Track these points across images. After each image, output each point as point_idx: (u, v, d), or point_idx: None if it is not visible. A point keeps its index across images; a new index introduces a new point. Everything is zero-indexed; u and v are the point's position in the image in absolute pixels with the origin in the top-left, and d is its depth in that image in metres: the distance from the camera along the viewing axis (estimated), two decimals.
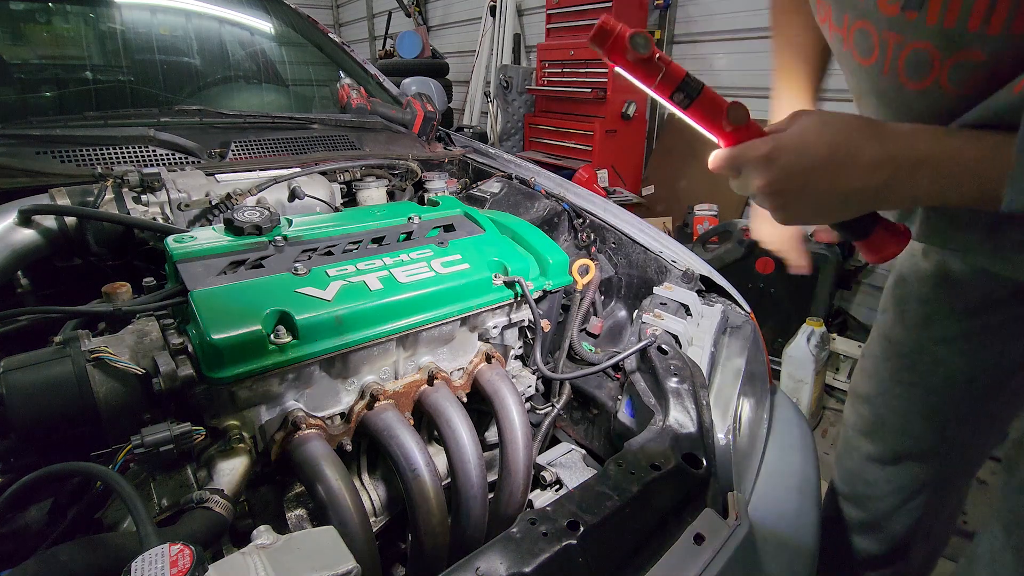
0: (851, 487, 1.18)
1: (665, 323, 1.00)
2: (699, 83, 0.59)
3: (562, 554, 0.60)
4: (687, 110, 0.60)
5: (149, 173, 1.03)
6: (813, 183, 0.58)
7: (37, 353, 0.64)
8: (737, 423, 0.91)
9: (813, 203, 0.59)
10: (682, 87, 0.58)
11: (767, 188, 0.59)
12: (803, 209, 0.60)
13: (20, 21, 1.69)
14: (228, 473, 0.66)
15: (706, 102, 0.60)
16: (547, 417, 1.02)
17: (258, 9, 1.98)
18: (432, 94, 1.94)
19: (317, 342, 0.71)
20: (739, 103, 0.60)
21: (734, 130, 0.61)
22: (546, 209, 1.31)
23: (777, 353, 2.53)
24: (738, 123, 0.60)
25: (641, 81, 0.60)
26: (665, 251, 1.14)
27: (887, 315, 1.07)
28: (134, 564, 0.45)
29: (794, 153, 0.57)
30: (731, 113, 0.60)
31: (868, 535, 1.18)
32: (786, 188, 0.59)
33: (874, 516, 1.15)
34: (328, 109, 1.86)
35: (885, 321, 1.07)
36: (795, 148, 0.57)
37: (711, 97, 0.60)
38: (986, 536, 0.89)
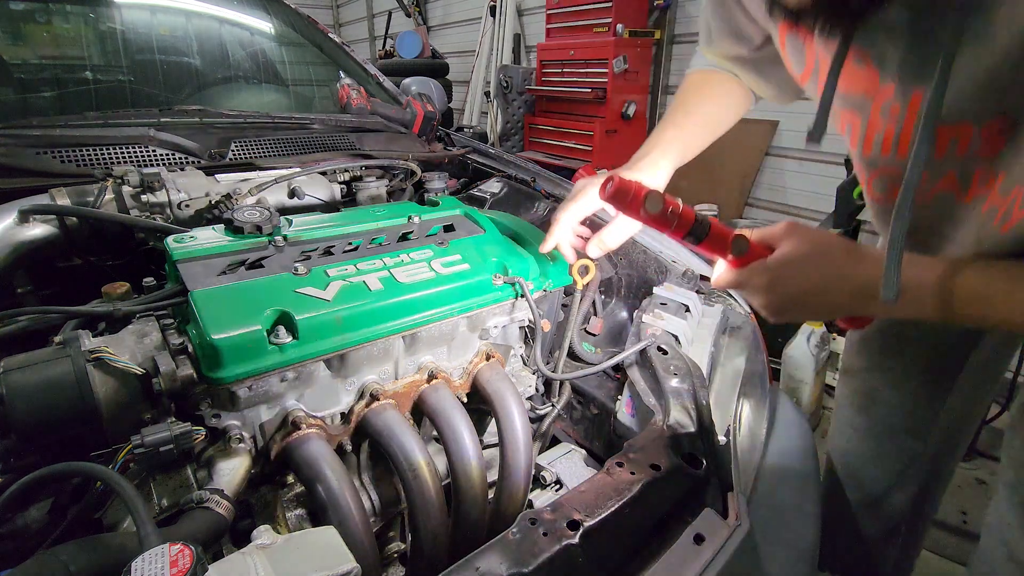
0: (845, 466, 1.20)
1: (665, 323, 1.00)
2: (706, 225, 0.68)
3: (562, 554, 0.60)
4: (696, 246, 0.70)
5: (149, 173, 1.03)
6: (805, 304, 0.68)
7: (37, 353, 0.64)
8: (737, 423, 0.91)
9: (806, 314, 0.71)
10: (692, 231, 0.67)
11: (767, 307, 0.70)
12: (796, 318, 0.71)
13: (20, 21, 1.69)
14: (228, 473, 0.66)
15: (713, 239, 0.68)
16: (547, 417, 1.02)
17: (258, 9, 1.98)
18: (432, 94, 1.94)
19: (317, 342, 0.71)
20: (741, 236, 0.69)
21: (736, 258, 0.70)
22: (546, 209, 1.31)
23: (777, 353, 2.53)
24: (740, 255, 0.69)
25: (656, 228, 0.70)
26: (665, 251, 1.14)
27: None
28: (134, 564, 0.45)
29: (790, 283, 0.67)
30: (734, 247, 0.69)
31: (864, 516, 1.19)
32: (782, 308, 0.69)
33: (869, 495, 1.17)
34: (328, 109, 1.86)
35: None
36: (790, 278, 0.66)
37: (717, 234, 0.68)
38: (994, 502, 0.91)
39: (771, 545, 0.80)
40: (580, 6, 4.32)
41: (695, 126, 0.95)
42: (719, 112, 0.97)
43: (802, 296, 0.67)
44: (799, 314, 0.70)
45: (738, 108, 0.98)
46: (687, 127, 0.95)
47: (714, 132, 0.97)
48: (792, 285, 0.66)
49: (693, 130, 0.95)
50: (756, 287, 0.69)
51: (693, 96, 0.97)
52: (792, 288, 0.67)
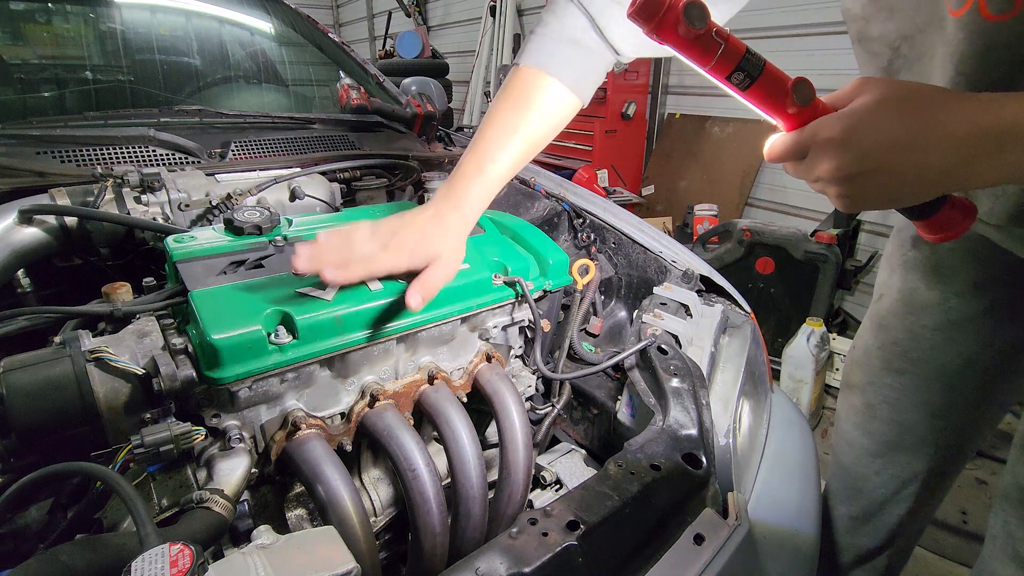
0: (843, 482, 1.18)
1: (665, 323, 1.00)
2: (761, 59, 0.52)
3: (562, 554, 0.60)
4: (746, 91, 0.53)
5: (149, 173, 1.03)
6: (890, 164, 0.52)
7: (37, 353, 0.64)
8: (737, 423, 0.91)
9: (889, 187, 0.54)
10: (742, 65, 0.52)
11: (838, 173, 0.54)
12: (876, 194, 0.55)
13: (20, 21, 1.69)
14: (228, 473, 0.66)
15: (769, 81, 0.52)
16: (547, 417, 1.02)
17: (258, 9, 1.98)
18: (432, 94, 1.93)
19: (317, 342, 0.71)
20: (804, 79, 0.53)
21: (799, 111, 0.54)
22: (546, 209, 1.31)
23: (777, 353, 2.53)
24: (804, 104, 0.53)
25: (694, 60, 0.53)
26: (665, 251, 1.14)
27: (881, 302, 1.05)
28: (134, 564, 0.45)
29: (870, 134, 0.52)
30: (796, 93, 0.52)
31: (860, 529, 1.18)
32: (860, 172, 0.53)
33: (866, 509, 1.15)
34: (328, 109, 1.86)
35: (878, 309, 1.05)
36: (871, 126, 0.52)
37: (774, 75, 0.53)
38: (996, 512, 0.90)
39: (771, 545, 0.80)
40: None
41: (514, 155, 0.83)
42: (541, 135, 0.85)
43: (886, 154, 0.51)
44: (883, 185, 0.53)
45: (560, 125, 0.87)
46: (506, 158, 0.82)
47: (532, 155, 0.86)
48: (873, 137, 0.51)
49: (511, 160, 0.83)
50: (827, 143, 0.53)
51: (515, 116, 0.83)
52: (873, 141, 0.51)
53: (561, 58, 0.83)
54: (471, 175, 0.81)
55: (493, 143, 0.82)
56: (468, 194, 0.81)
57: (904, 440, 1.05)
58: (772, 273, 2.75)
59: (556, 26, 0.83)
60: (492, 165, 0.81)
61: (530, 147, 0.85)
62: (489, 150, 0.82)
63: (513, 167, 0.84)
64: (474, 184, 0.81)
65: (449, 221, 0.79)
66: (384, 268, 0.75)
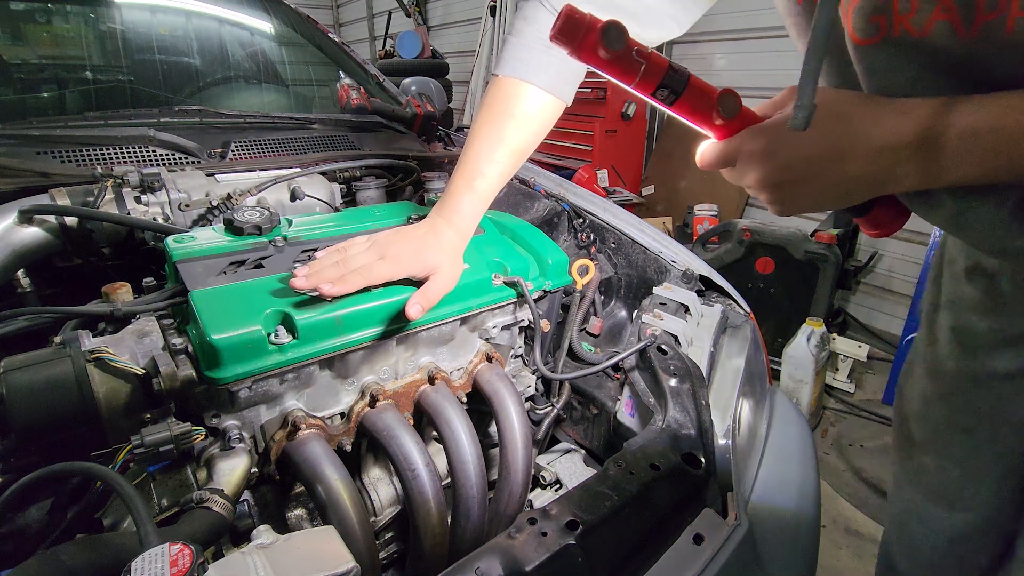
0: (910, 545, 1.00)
1: (665, 323, 1.00)
2: (684, 74, 0.53)
3: (562, 554, 0.60)
4: (672, 106, 0.54)
5: (149, 173, 1.03)
6: (812, 175, 0.53)
7: (37, 353, 0.64)
8: (736, 423, 0.91)
9: (813, 195, 0.55)
10: (666, 82, 0.52)
11: (764, 182, 0.56)
12: (804, 202, 0.56)
13: (20, 21, 1.69)
14: (228, 473, 0.66)
15: (694, 95, 0.53)
16: (547, 417, 1.02)
17: (258, 9, 1.98)
18: (432, 94, 1.93)
19: (317, 342, 0.71)
20: (730, 91, 0.54)
21: (725, 124, 0.55)
22: (546, 209, 1.31)
23: (777, 353, 2.53)
24: (730, 116, 0.55)
25: (618, 79, 0.53)
26: (665, 251, 1.14)
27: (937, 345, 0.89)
28: (134, 564, 0.45)
29: (793, 147, 0.53)
30: (722, 106, 0.54)
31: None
32: (785, 180, 0.55)
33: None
34: (328, 109, 1.86)
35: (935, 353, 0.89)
36: (791, 140, 0.52)
37: (699, 89, 0.53)
38: None
39: (771, 545, 0.80)
40: None
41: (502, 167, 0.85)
42: (526, 142, 0.87)
43: (806, 165, 0.53)
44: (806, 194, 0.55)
45: (545, 128, 0.89)
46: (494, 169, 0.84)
47: (521, 162, 0.88)
48: (793, 150, 0.53)
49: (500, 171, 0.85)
50: (751, 156, 0.55)
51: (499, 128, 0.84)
52: (793, 154, 0.53)
53: (536, 63, 0.84)
54: (461, 191, 0.84)
55: (480, 157, 0.84)
56: (460, 209, 0.84)
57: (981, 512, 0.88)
58: (772, 273, 2.75)
59: (528, 31, 0.84)
60: (481, 180, 0.84)
61: (517, 155, 0.86)
62: (477, 164, 0.84)
63: (502, 177, 0.86)
64: (465, 199, 0.84)
65: (444, 235, 0.82)
66: (380, 278, 0.77)
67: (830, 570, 1.83)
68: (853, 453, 2.35)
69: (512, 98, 0.84)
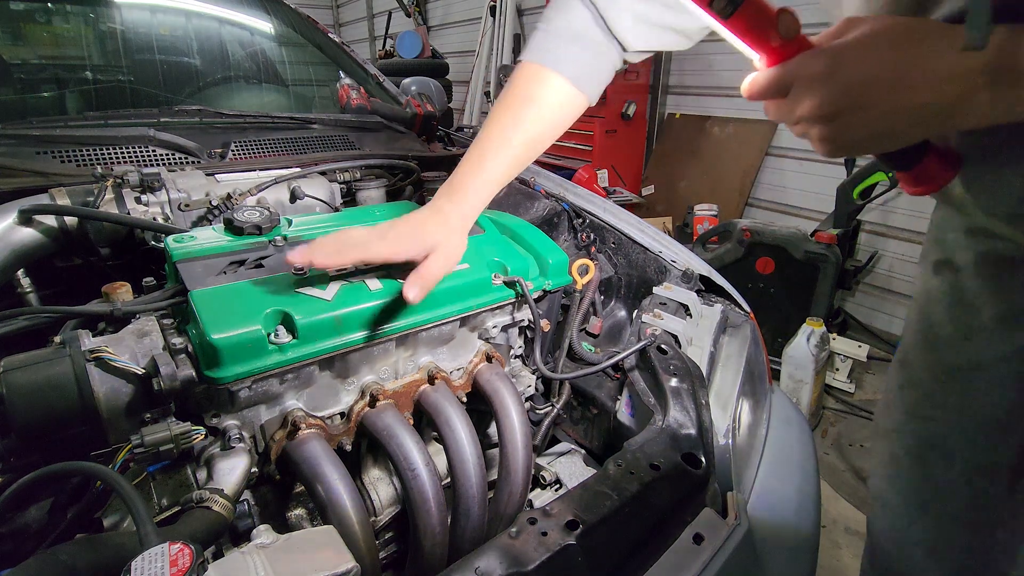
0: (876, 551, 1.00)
1: (665, 323, 1.00)
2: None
3: (562, 554, 0.60)
4: (728, 20, 0.49)
5: (149, 173, 1.03)
6: (874, 101, 0.49)
7: (37, 353, 0.64)
8: (736, 423, 0.91)
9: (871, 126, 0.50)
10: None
11: (820, 110, 0.50)
12: (859, 134, 0.51)
13: (20, 21, 1.69)
14: (228, 473, 0.66)
15: (753, 9, 0.49)
16: (547, 417, 1.02)
17: (258, 9, 1.98)
18: (432, 94, 1.94)
19: (317, 342, 0.71)
20: (789, 10, 0.50)
21: (782, 45, 0.50)
22: (546, 209, 1.31)
23: (777, 353, 2.53)
24: (789, 36, 0.50)
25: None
26: (665, 251, 1.14)
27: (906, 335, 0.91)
28: (134, 563, 0.45)
29: (854, 67, 0.48)
30: (782, 24, 0.49)
31: None
32: (842, 109, 0.50)
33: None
34: (328, 109, 1.86)
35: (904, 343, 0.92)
36: (855, 61, 0.48)
37: (759, 3, 0.49)
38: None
39: (770, 545, 0.80)
40: None
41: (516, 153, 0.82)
42: (544, 133, 0.84)
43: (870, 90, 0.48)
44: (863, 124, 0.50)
45: (566, 123, 0.86)
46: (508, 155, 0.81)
47: (535, 154, 0.85)
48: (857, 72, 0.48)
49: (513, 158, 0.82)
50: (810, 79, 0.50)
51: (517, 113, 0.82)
52: (857, 77, 0.48)
53: (564, 54, 0.81)
54: (470, 171, 0.81)
55: (493, 139, 0.81)
56: (466, 189, 0.80)
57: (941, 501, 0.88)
58: (772, 273, 2.75)
59: (560, 22, 0.82)
60: (492, 162, 0.81)
61: (532, 144, 0.83)
62: (490, 146, 0.81)
63: (515, 164, 0.82)
64: (474, 181, 0.81)
65: (448, 215, 0.79)
66: (379, 255, 0.74)
67: (830, 570, 1.83)
68: (853, 453, 2.35)
69: (534, 84, 0.82)
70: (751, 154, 3.86)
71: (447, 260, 0.77)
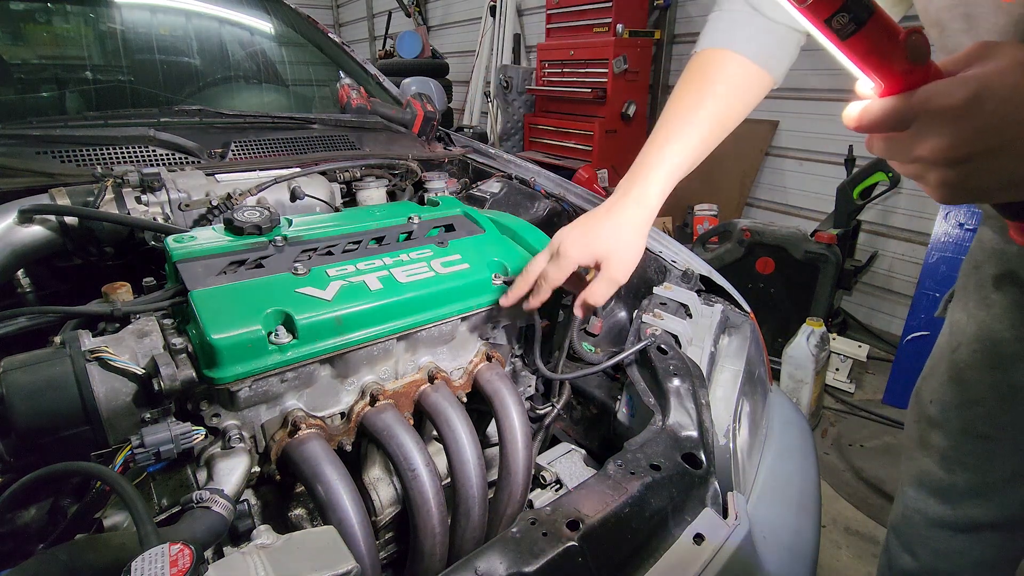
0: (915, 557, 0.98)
1: (665, 323, 0.99)
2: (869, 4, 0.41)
3: (562, 554, 0.60)
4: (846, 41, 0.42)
5: (149, 173, 1.03)
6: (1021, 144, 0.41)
7: (37, 353, 0.64)
8: (737, 423, 0.91)
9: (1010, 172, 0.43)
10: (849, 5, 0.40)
11: (950, 151, 0.42)
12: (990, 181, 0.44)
13: (20, 21, 1.69)
14: (228, 473, 0.66)
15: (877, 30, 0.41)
16: (547, 417, 1.02)
17: (258, 9, 1.98)
18: (432, 94, 1.94)
19: (317, 342, 0.71)
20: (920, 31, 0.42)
21: (908, 71, 0.43)
22: (546, 209, 1.31)
23: (777, 353, 2.53)
24: (919, 62, 0.42)
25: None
26: (665, 251, 1.14)
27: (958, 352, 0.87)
28: (134, 564, 0.45)
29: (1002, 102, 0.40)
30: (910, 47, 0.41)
31: None
32: (978, 151, 0.42)
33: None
34: (328, 109, 1.86)
35: (955, 360, 0.88)
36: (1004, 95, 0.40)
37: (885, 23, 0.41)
38: None
39: (771, 545, 0.80)
40: (580, 6, 4.32)
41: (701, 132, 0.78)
42: (729, 112, 0.79)
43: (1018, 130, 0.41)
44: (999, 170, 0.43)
45: (751, 102, 0.81)
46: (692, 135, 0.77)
47: (720, 136, 0.81)
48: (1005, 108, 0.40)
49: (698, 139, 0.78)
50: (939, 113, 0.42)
51: (699, 91, 0.78)
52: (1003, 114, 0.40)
53: (743, 34, 0.77)
54: (650, 160, 0.77)
55: (672, 123, 0.77)
56: (647, 179, 0.76)
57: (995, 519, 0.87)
58: (772, 273, 2.75)
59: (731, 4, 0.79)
60: (674, 145, 0.76)
61: (717, 123, 0.78)
62: (670, 131, 0.77)
63: (700, 144, 0.77)
64: (654, 170, 0.76)
65: (621, 215, 0.76)
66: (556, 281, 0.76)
67: (830, 570, 1.83)
68: (853, 453, 2.35)
69: (711, 66, 0.78)
70: (751, 154, 3.86)
71: (619, 270, 0.75)
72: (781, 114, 3.67)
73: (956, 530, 0.92)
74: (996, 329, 0.80)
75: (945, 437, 0.90)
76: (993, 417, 0.83)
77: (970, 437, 0.87)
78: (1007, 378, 0.81)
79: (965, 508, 0.90)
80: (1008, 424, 0.82)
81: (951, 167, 0.44)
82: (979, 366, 0.84)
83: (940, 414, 0.91)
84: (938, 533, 0.94)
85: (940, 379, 0.92)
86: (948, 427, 0.90)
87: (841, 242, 2.64)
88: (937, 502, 0.93)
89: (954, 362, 0.88)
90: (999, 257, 0.79)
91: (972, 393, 0.85)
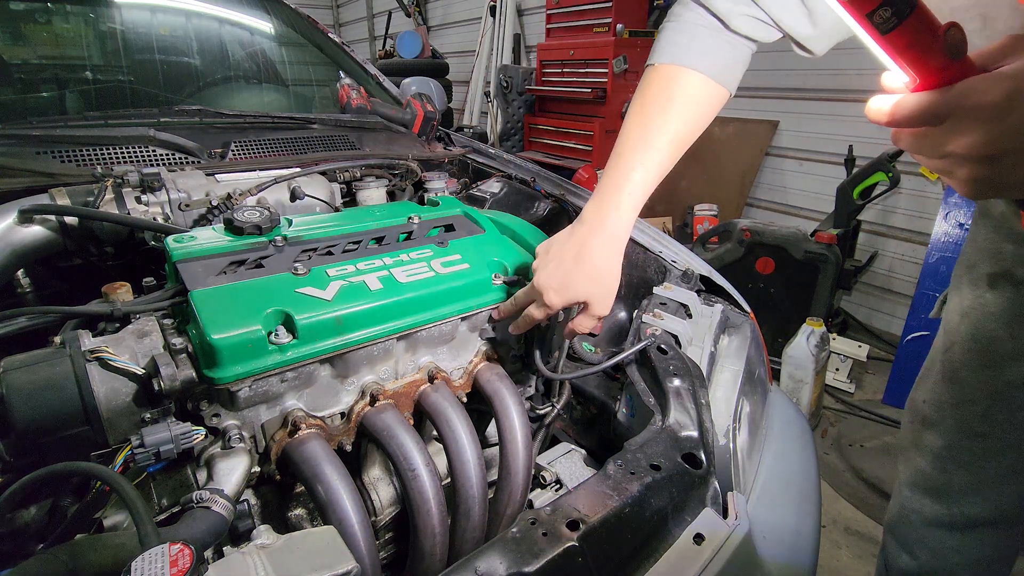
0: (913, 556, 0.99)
1: (665, 323, 0.99)
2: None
3: (562, 554, 0.60)
4: (886, 35, 0.42)
5: (149, 173, 1.03)
6: None
7: (37, 353, 0.64)
8: (737, 423, 0.91)
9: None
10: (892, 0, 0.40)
11: (984, 148, 0.43)
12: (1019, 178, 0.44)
13: (20, 21, 1.69)
14: (228, 473, 0.66)
15: (918, 24, 0.41)
16: (547, 417, 1.02)
17: (258, 9, 1.98)
18: (432, 94, 1.94)
19: (317, 342, 0.71)
20: (957, 25, 0.42)
21: (944, 66, 0.43)
22: (546, 209, 1.31)
23: (777, 353, 2.53)
24: (956, 57, 0.42)
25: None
26: (665, 251, 1.14)
27: (952, 351, 0.88)
28: (134, 564, 0.45)
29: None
30: (948, 42, 0.41)
31: None
32: (1011, 148, 0.42)
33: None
34: (328, 109, 1.86)
35: (950, 359, 0.89)
36: None
37: (926, 17, 0.41)
38: None
39: (771, 545, 0.80)
40: (580, 6, 4.32)
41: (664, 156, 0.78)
42: (690, 132, 0.80)
43: None
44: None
45: (710, 118, 0.81)
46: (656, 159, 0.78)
47: (680, 155, 0.81)
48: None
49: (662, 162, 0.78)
50: (975, 109, 0.42)
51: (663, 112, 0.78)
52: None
53: (698, 49, 0.77)
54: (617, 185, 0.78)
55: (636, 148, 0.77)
56: (619, 205, 0.77)
57: (990, 516, 0.89)
58: (772, 273, 2.75)
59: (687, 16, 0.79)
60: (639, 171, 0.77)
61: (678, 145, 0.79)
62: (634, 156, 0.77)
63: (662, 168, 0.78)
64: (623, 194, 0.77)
65: (597, 255, 0.77)
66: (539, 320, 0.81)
67: (830, 570, 1.83)
68: (853, 453, 2.35)
69: (672, 84, 0.77)
70: (751, 154, 3.86)
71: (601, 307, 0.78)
72: (781, 114, 3.67)
73: (952, 529, 0.93)
74: (991, 328, 0.81)
75: (940, 437, 0.92)
76: (988, 415, 0.85)
77: (965, 436, 0.88)
78: (1002, 376, 0.82)
79: (961, 506, 0.91)
80: (1003, 422, 0.84)
81: (983, 163, 0.44)
82: (973, 365, 0.85)
83: (935, 414, 0.93)
84: (935, 532, 0.95)
85: (934, 379, 0.93)
86: (943, 426, 0.91)
87: (841, 242, 2.64)
88: (933, 501, 0.95)
89: (948, 362, 0.90)
90: (994, 256, 0.80)
91: (967, 392, 0.87)
